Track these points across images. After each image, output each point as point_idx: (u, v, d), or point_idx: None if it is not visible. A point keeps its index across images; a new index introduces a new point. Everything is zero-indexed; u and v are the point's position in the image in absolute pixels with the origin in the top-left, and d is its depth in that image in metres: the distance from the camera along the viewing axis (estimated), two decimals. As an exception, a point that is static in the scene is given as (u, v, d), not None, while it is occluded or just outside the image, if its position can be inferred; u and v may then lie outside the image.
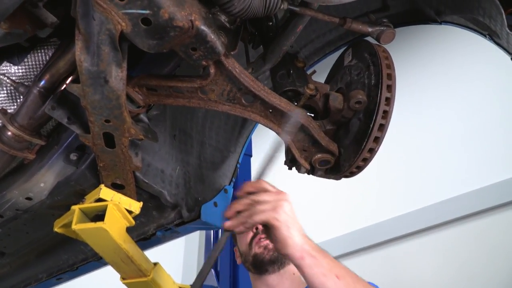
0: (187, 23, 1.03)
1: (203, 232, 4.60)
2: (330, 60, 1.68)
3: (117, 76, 1.16)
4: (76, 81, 1.19)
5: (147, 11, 1.00)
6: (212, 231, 4.07)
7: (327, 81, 1.53)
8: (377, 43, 1.35)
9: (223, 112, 2.02)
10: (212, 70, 1.22)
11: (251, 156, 3.94)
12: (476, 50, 3.59)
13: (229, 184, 1.89)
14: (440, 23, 1.72)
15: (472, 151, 3.49)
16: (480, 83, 3.65)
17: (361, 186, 3.64)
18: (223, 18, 1.20)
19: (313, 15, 1.22)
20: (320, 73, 1.68)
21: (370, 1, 1.74)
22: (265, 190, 1.37)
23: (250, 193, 1.38)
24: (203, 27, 1.06)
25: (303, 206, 3.44)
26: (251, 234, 2.29)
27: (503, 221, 3.12)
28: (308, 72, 1.53)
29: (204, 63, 1.15)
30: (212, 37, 1.09)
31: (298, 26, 1.26)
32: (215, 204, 1.74)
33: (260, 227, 1.75)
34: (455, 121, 3.68)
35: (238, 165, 1.96)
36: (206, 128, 1.88)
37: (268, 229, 1.34)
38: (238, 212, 1.35)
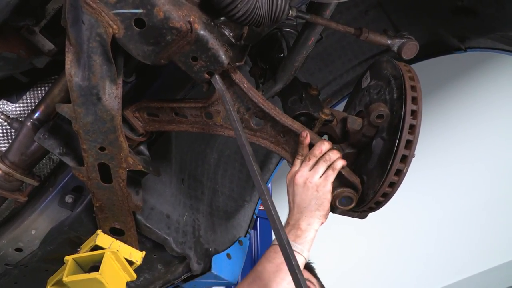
0: (185, 24, 0.94)
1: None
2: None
3: (111, 93, 1.05)
4: (67, 101, 1.08)
5: (140, 10, 0.91)
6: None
7: (344, 110, 1.39)
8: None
9: (237, 159, 1.91)
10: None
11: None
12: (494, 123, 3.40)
13: (245, 235, 1.69)
14: (465, 50, 1.62)
15: None
16: None
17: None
18: (227, 32, 1.11)
19: (325, 24, 1.11)
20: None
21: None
22: None
23: None
24: (204, 32, 0.96)
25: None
26: None
27: None
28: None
29: (206, 76, 1.03)
30: (214, 43, 0.98)
31: (310, 38, 1.15)
32: (229, 256, 1.54)
33: None
34: None
35: (254, 216, 1.77)
36: (219, 176, 1.73)
37: None
38: None
